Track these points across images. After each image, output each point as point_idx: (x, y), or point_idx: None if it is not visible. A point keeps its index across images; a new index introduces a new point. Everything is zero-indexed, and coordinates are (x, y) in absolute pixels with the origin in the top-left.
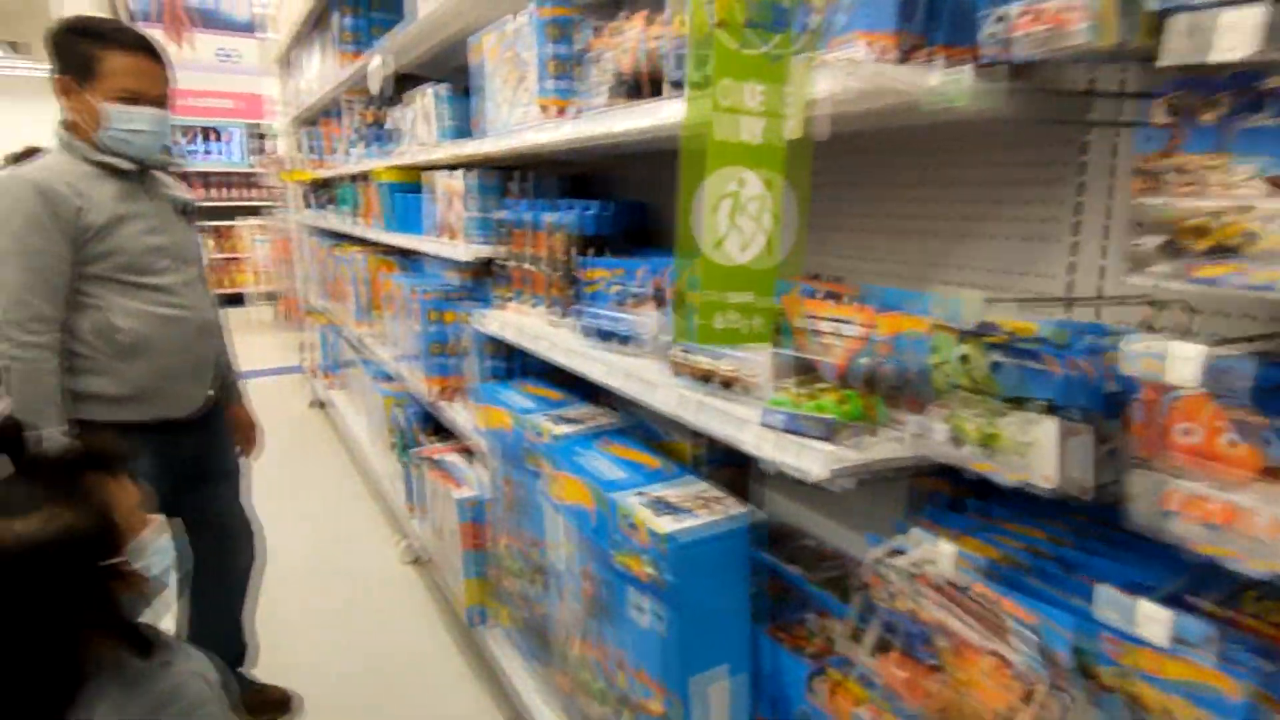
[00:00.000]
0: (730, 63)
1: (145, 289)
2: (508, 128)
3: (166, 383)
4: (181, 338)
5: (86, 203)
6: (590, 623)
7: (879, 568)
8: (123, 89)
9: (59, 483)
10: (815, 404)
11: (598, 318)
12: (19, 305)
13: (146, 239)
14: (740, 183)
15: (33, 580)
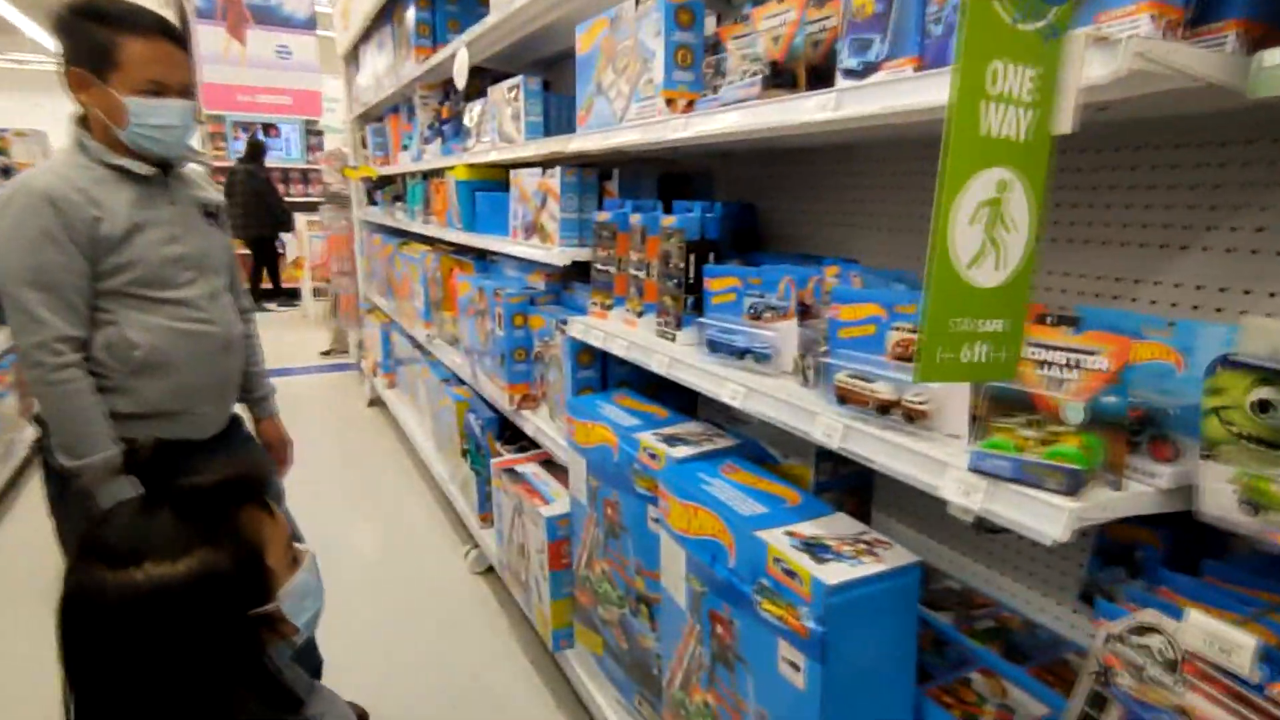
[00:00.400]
0: (1001, 40)
1: (165, 303)
2: (624, 122)
3: (188, 403)
4: (204, 355)
5: (103, 211)
6: (720, 670)
7: (1120, 648)
8: (147, 80)
9: (210, 520)
10: (1052, 450)
11: (730, 332)
12: (40, 327)
13: (166, 249)
14: (1002, 188)
15: (181, 631)
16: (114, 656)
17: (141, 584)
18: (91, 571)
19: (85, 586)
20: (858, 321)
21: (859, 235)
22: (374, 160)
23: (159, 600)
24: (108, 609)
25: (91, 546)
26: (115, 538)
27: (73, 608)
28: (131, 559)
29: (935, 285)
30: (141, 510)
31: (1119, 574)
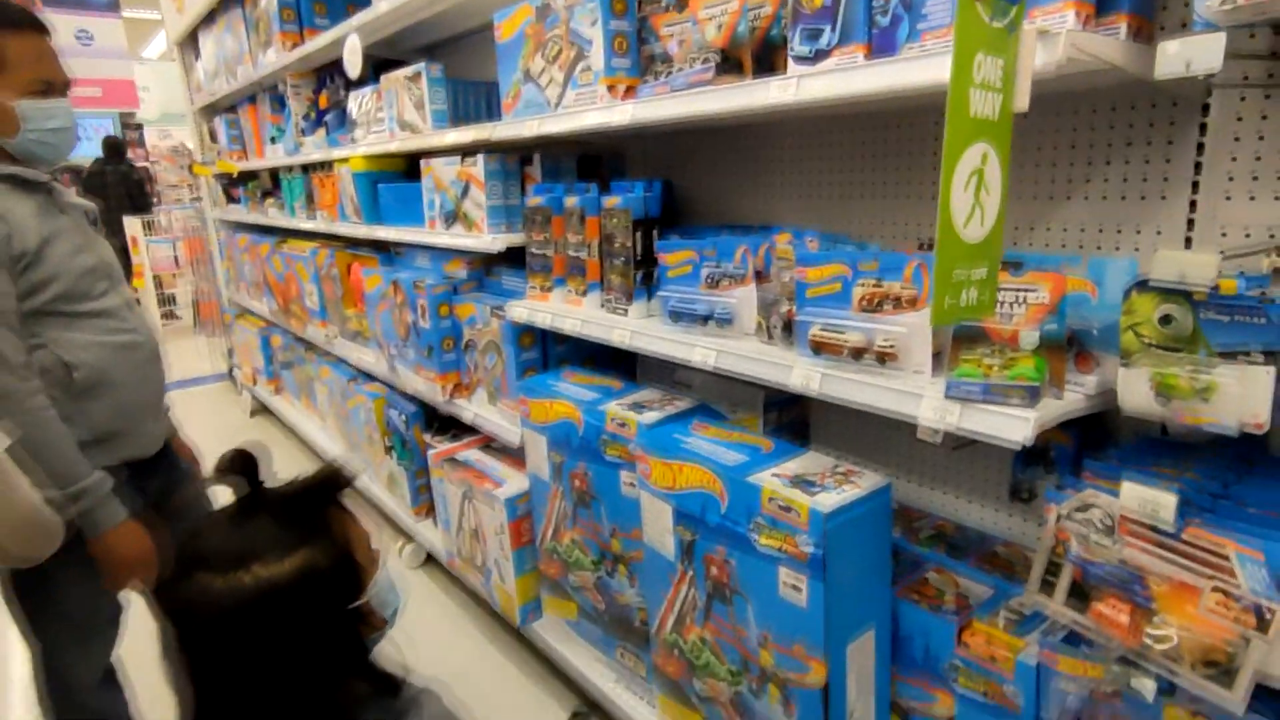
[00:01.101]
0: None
1: (89, 316)
2: (561, 108)
3: (130, 420)
4: (138, 367)
5: (10, 227)
6: (717, 606)
7: (1067, 523)
8: (35, 79)
9: (305, 522)
10: (1013, 371)
11: (691, 301)
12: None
13: (78, 259)
14: (983, 159)
15: (290, 626)
16: (231, 655)
17: (250, 586)
18: (200, 580)
19: (198, 593)
20: (824, 281)
21: (774, 204)
22: (229, 155)
23: (269, 599)
24: (223, 612)
25: (195, 557)
26: (219, 545)
27: (188, 614)
28: (239, 563)
29: (942, 243)
30: (239, 517)
31: (1038, 471)
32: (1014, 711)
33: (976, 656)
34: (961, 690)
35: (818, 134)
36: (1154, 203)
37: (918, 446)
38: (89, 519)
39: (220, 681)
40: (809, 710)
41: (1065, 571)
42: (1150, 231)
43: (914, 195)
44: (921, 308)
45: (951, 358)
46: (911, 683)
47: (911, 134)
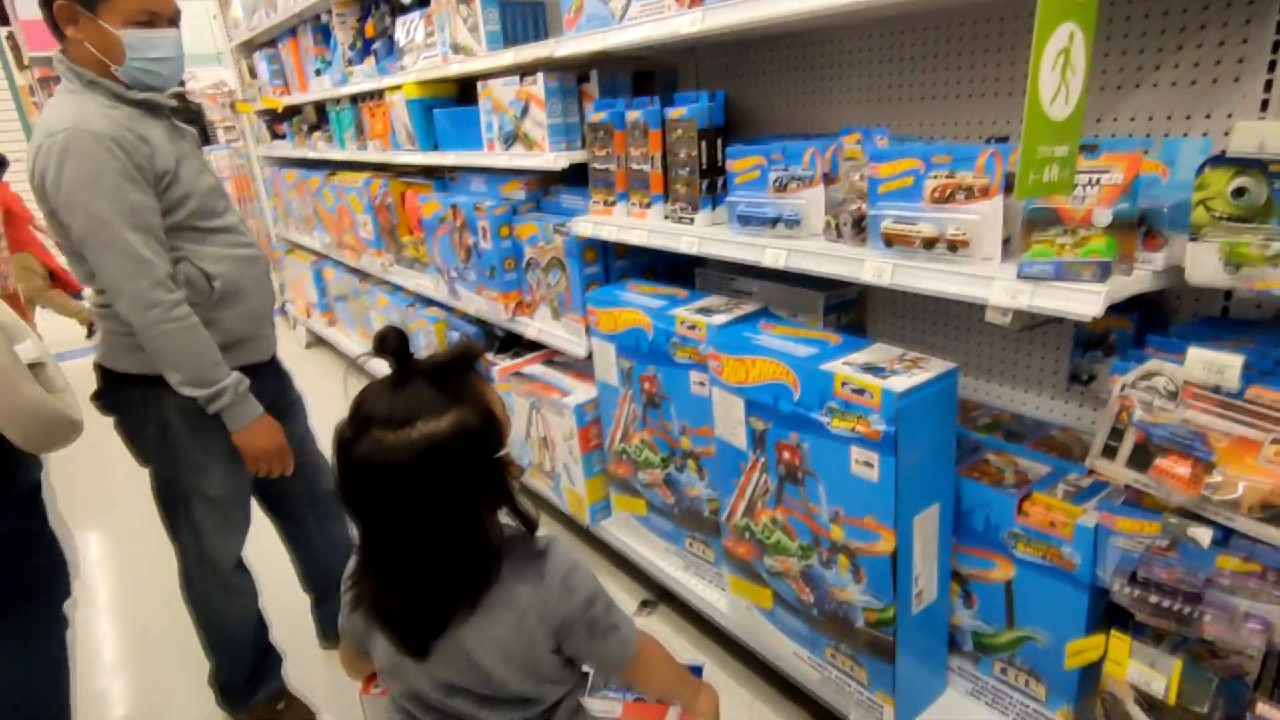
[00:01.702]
0: None
1: (218, 232)
2: (626, 19)
3: (257, 326)
4: (259, 277)
5: (153, 148)
6: (789, 488)
7: (1130, 391)
8: (140, 10)
9: (455, 386)
10: (1088, 248)
11: (759, 205)
12: (149, 266)
13: (202, 178)
14: (1070, 38)
15: (449, 470)
16: (401, 497)
17: (417, 440)
18: (374, 436)
19: (373, 448)
20: (895, 175)
21: (832, 111)
22: (273, 90)
23: (431, 450)
24: (395, 462)
25: (367, 417)
26: (387, 408)
27: (365, 465)
28: (406, 422)
29: (1029, 120)
30: (399, 384)
31: (1097, 356)
32: (1070, 570)
33: (1036, 524)
34: (1020, 555)
35: (877, 38)
36: (1226, 86)
37: (974, 342)
38: (231, 414)
39: (394, 525)
40: (878, 575)
41: (1128, 435)
42: (1221, 115)
43: (975, 94)
44: (994, 196)
45: (1023, 241)
46: (971, 552)
47: (975, 31)
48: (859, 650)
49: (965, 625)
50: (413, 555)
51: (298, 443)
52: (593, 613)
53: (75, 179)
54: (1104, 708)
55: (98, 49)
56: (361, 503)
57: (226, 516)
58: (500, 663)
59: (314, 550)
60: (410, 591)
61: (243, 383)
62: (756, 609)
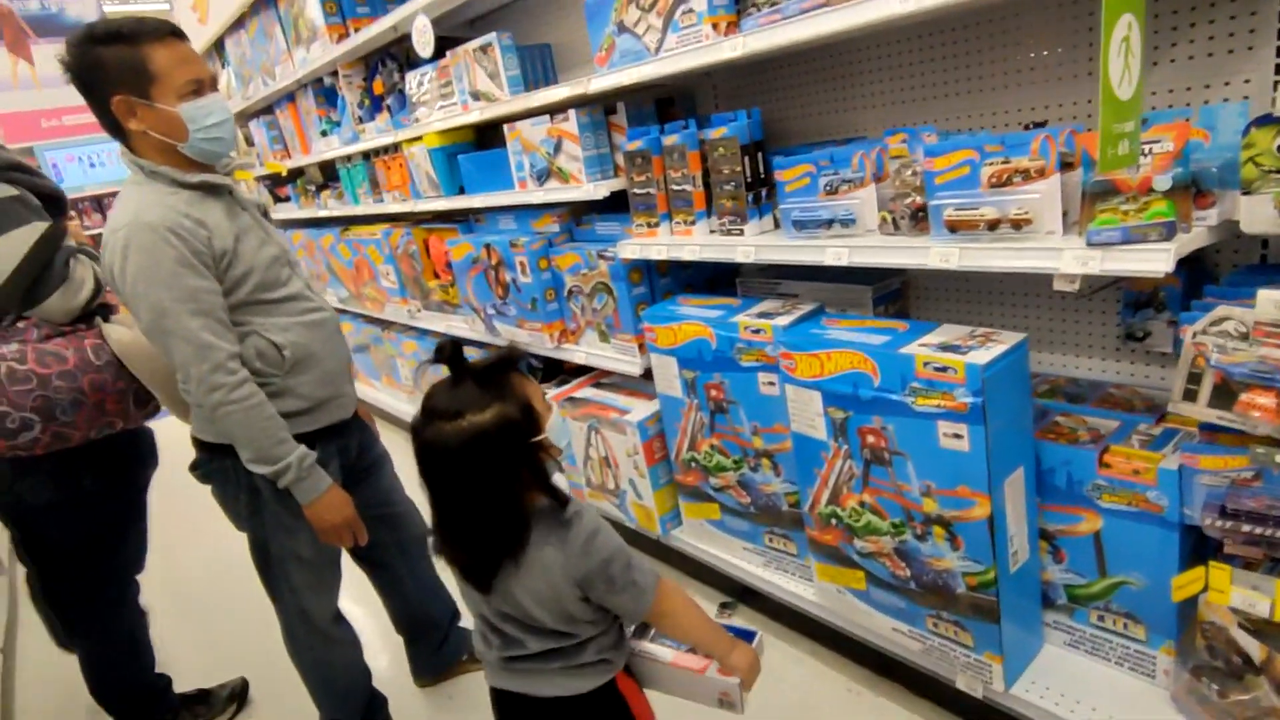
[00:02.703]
0: None
1: (285, 301)
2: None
3: (335, 387)
4: (330, 339)
5: (210, 229)
6: (876, 470)
7: (1202, 337)
8: (188, 82)
9: (495, 384)
10: (1151, 213)
11: (813, 209)
12: (210, 350)
13: (264, 251)
14: (1128, 27)
15: (491, 455)
16: (454, 473)
17: (466, 428)
18: (436, 425)
19: (434, 435)
20: (952, 167)
21: (857, 117)
22: (273, 155)
23: (477, 437)
24: (449, 446)
25: (431, 411)
26: (445, 403)
27: (430, 448)
28: (458, 414)
29: (1105, 101)
30: (454, 384)
31: (1149, 314)
32: (1158, 513)
33: (1119, 474)
34: (1106, 506)
35: (892, 45)
36: (1241, 55)
37: (1021, 319)
38: (298, 489)
39: (450, 495)
40: (976, 540)
41: (1207, 377)
42: (1239, 81)
43: (998, 87)
44: (1050, 176)
45: (1085, 214)
46: (1056, 509)
47: (989, 29)
48: (962, 616)
49: (1056, 580)
50: (462, 518)
51: (384, 496)
52: (611, 570)
53: (136, 271)
54: (1205, 638)
55: (161, 133)
56: (429, 477)
57: (319, 575)
58: (535, 605)
59: (406, 594)
60: (464, 546)
61: (307, 458)
62: (849, 591)
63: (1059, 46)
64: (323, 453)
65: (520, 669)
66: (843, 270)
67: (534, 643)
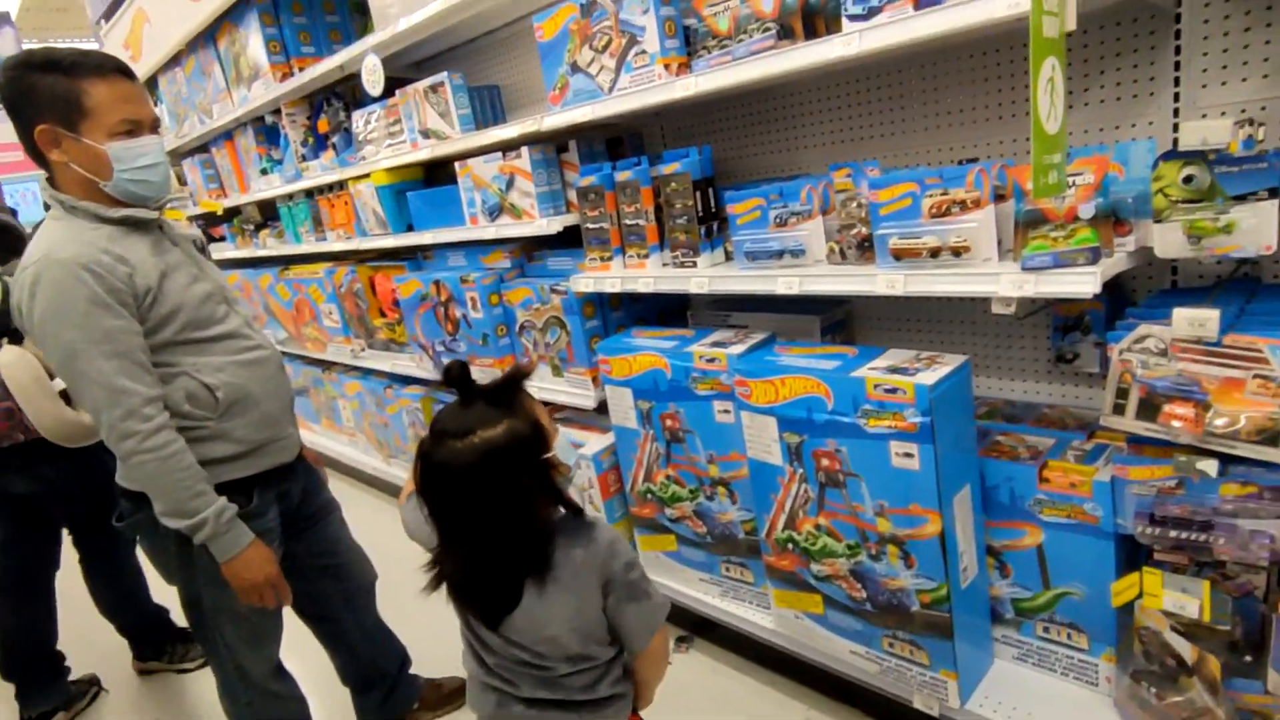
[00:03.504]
0: None
1: (219, 340)
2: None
3: (274, 430)
4: (270, 379)
5: (132, 266)
6: (831, 493)
7: (1127, 355)
8: (122, 121)
9: (505, 402)
10: (1078, 239)
11: (764, 240)
12: (124, 396)
13: (195, 288)
14: (1053, 69)
15: (505, 470)
16: (470, 491)
17: (479, 445)
18: (446, 443)
19: (447, 453)
20: (895, 199)
21: (798, 155)
22: (209, 194)
23: (490, 454)
24: (463, 464)
25: (442, 430)
26: (456, 423)
27: (443, 469)
28: (470, 433)
29: (1035, 134)
30: (464, 405)
31: (1076, 336)
32: (1094, 524)
33: (1057, 488)
34: (1047, 519)
35: (831, 89)
36: (1144, 99)
37: (960, 345)
38: (215, 545)
39: (465, 518)
40: (929, 558)
41: (1133, 392)
42: (1144, 122)
43: (931, 127)
44: (985, 206)
45: (1018, 241)
46: (1001, 525)
47: (917, 75)
48: (917, 634)
49: (1004, 594)
50: (481, 539)
51: (329, 545)
52: (632, 575)
53: (44, 309)
54: (1142, 643)
55: (85, 168)
56: (439, 500)
57: (257, 628)
58: (562, 624)
59: (353, 645)
60: (481, 570)
61: (226, 512)
62: (807, 616)
63: (985, 91)
64: (259, 500)
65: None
66: (791, 301)
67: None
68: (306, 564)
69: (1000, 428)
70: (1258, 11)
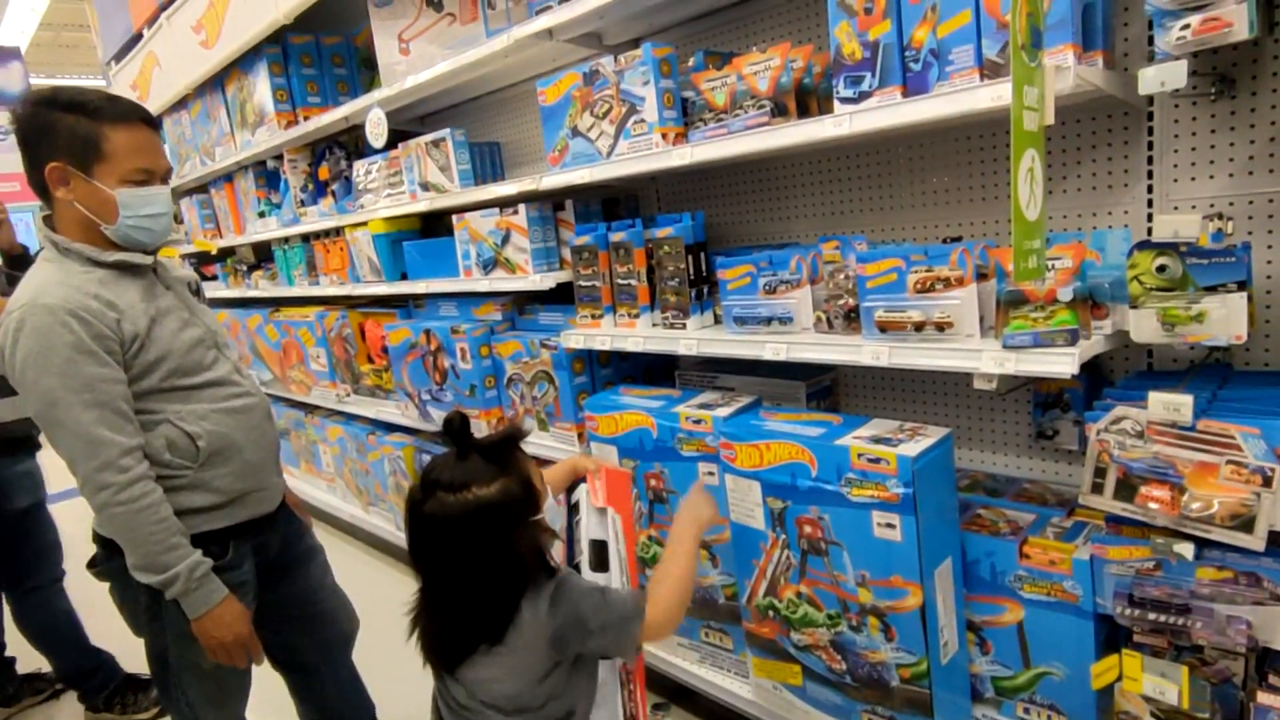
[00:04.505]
0: (1025, 75)
1: (203, 387)
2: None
3: (255, 479)
4: (255, 428)
5: (120, 312)
6: (813, 560)
7: (1104, 435)
8: (136, 169)
9: (502, 461)
10: (1057, 320)
11: (753, 306)
12: (100, 447)
13: (185, 334)
14: (1032, 160)
15: (493, 527)
16: (456, 545)
17: (471, 501)
18: (438, 497)
19: (438, 506)
20: (882, 273)
21: (789, 225)
22: (204, 234)
23: (481, 510)
24: (451, 517)
25: (434, 482)
26: (450, 476)
27: (430, 520)
28: (464, 487)
29: (1015, 221)
30: (460, 457)
31: (1056, 414)
32: (1074, 603)
33: (1037, 565)
34: (1028, 596)
35: (823, 163)
36: (1120, 189)
37: (942, 417)
38: (186, 601)
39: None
40: (909, 631)
41: (1110, 472)
42: (1120, 211)
43: (916, 205)
44: (968, 285)
45: (1000, 320)
46: (982, 600)
47: (904, 155)
48: (897, 710)
49: (984, 672)
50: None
51: (309, 594)
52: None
53: (26, 356)
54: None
55: (90, 209)
56: (424, 551)
57: (222, 687)
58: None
59: (325, 697)
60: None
61: (199, 567)
62: (786, 688)
63: (970, 172)
64: (234, 553)
65: None
66: (778, 366)
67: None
68: (282, 614)
69: (982, 501)
70: (1222, 116)
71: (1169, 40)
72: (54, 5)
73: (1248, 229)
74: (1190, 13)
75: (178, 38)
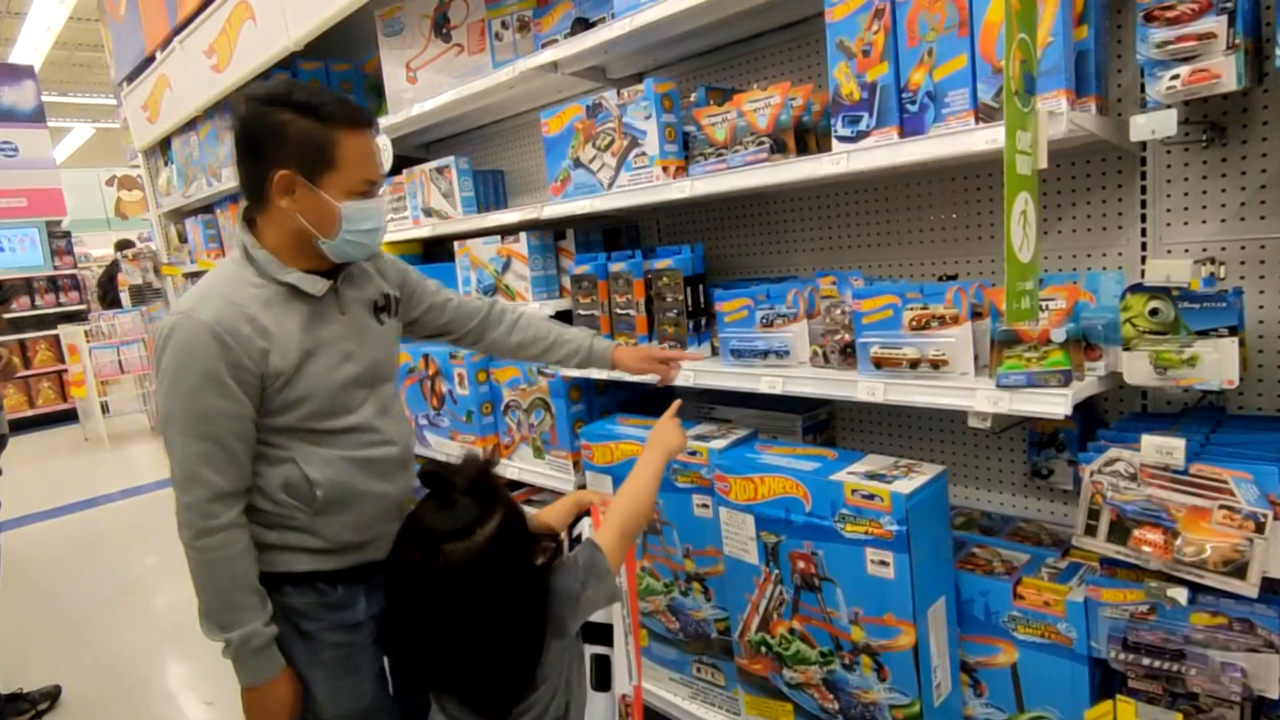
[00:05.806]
0: (1019, 119)
1: (340, 433)
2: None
3: (371, 531)
4: (384, 479)
5: (271, 343)
6: (806, 596)
7: (1098, 476)
8: (362, 180)
9: (488, 493)
10: (1050, 361)
11: (750, 339)
12: (193, 485)
13: (338, 372)
14: (1025, 203)
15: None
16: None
17: (481, 541)
18: (446, 550)
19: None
20: (878, 309)
21: (788, 258)
22: (208, 254)
23: (494, 547)
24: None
25: (437, 534)
26: (448, 523)
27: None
28: (469, 532)
29: (1009, 263)
30: (446, 505)
31: (1051, 453)
32: (1068, 646)
33: (1031, 606)
34: (1022, 637)
35: (822, 199)
36: (1114, 232)
37: (938, 454)
38: (237, 667)
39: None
40: (901, 670)
41: (1104, 514)
42: (1114, 253)
43: (913, 242)
44: (963, 323)
45: (994, 359)
46: (976, 640)
47: (901, 194)
48: None
49: (977, 715)
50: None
51: None
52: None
53: (165, 367)
54: None
55: (310, 222)
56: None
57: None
58: None
59: None
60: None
61: (254, 639)
62: None
63: (966, 211)
64: (345, 592)
65: None
66: (774, 399)
67: None
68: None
69: (977, 540)
70: (1214, 162)
71: (1159, 90)
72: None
73: (1240, 274)
74: (1180, 64)
75: (190, 61)
